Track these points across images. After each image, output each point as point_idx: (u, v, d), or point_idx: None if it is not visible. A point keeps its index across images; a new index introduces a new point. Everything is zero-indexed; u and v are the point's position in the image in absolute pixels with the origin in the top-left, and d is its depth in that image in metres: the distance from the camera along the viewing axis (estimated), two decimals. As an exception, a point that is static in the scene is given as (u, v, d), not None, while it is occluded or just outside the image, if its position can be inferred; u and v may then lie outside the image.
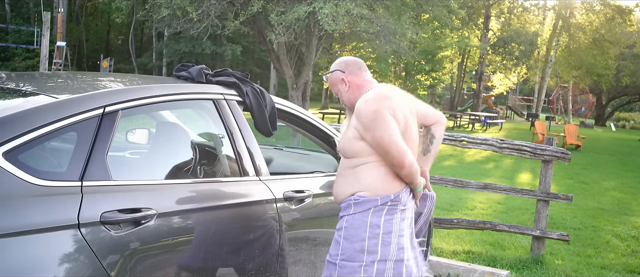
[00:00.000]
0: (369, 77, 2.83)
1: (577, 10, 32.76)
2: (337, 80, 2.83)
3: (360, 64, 2.85)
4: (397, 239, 2.58)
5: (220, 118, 2.83)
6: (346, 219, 2.62)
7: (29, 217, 1.93)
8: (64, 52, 21.57)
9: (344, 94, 2.82)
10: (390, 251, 2.57)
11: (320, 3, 14.48)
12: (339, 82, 2.82)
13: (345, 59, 2.87)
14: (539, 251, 5.57)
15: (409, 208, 2.66)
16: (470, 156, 14.97)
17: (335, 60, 2.93)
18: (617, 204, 9.25)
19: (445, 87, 41.71)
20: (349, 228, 2.60)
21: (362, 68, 2.84)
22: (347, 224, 2.61)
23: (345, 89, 2.81)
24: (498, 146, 5.42)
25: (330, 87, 2.91)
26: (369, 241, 2.56)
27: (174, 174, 2.74)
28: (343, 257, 2.59)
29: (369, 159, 2.59)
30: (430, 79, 28.80)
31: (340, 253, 2.60)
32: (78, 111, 2.19)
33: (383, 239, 2.57)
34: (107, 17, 36.76)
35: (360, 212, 2.59)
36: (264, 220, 2.80)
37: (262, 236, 2.78)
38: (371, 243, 2.56)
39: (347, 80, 2.80)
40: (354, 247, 2.57)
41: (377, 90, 2.67)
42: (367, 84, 2.78)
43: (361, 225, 2.57)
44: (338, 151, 2.80)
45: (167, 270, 2.33)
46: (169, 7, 15.95)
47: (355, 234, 2.58)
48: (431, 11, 20.36)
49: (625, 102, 45.12)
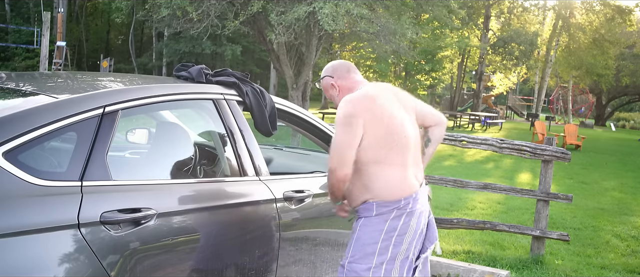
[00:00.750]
0: (359, 78, 2.84)
1: (577, 10, 32.76)
2: (328, 86, 2.87)
3: (349, 66, 2.86)
4: (407, 238, 2.62)
5: (220, 118, 2.83)
6: (362, 221, 2.64)
7: (29, 217, 1.93)
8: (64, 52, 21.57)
9: (336, 98, 2.85)
10: (400, 249, 2.60)
11: (320, 3, 14.48)
12: (330, 87, 2.85)
13: (333, 64, 2.90)
14: (539, 251, 5.57)
15: (416, 210, 2.67)
16: (470, 156, 14.97)
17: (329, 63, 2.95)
18: (617, 204, 9.25)
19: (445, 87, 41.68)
20: (363, 228, 2.62)
21: (351, 70, 2.85)
22: (362, 224, 2.63)
23: (336, 93, 2.84)
24: (498, 146, 5.42)
25: (324, 92, 2.94)
26: (382, 243, 2.57)
27: (174, 174, 2.74)
28: (352, 259, 2.61)
29: (370, 161, 2.60)
30: (430, 79, 28.80)
31: (350, 255, 2.62)
32: (78, 111, 2.19)
33: (396, 240, 2.59)
34: (107, 17, 36.77)
35: (376, 215, 2.60)
36: (263, 220, 2.80)
37: (262, 236, 2.77)
38: (383, 245, 2.58)
39: (336, 85, 2.83)
40: (366, 250, 2.59)
41: (363, 90, 2.69)
42: (356, 85, 2.79)
43: (376, 228, 2.59)
44: None
45: (167, 270, 2.33)
46: (169, 7, 15.95)
47: (369, 236, 2.60)
48: (431, 11, 20.37)
49: (625, 102, 45.12)
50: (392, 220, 2.59)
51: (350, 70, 2.85)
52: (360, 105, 2.58)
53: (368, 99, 2.60)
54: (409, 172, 2.65)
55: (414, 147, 2.71)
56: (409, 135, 2.67)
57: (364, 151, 2.57)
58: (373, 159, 2.58)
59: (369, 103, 2.59)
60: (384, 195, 2.59)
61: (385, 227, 2.58)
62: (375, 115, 2.58)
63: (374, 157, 2.58)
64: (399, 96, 2.77)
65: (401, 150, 2.62)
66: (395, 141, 2.60)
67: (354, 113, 2.55)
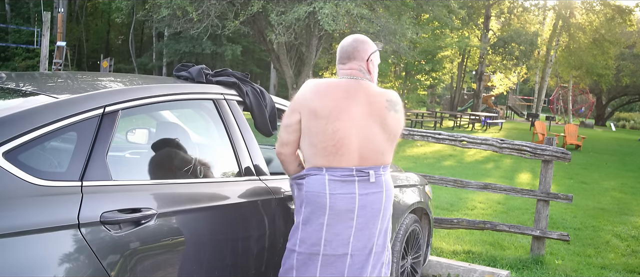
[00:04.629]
0: (342, 67, 2.75)
1: (577, 10, 32.76)
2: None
3: (342, 52, 2.76)
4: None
5: (220, 118, 2.83)
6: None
7: (29, 217, 1.92)
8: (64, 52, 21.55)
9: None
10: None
11: (320, 3, 14.48)
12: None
13: (340, 44, 2.82)
14: (539, 251, 5.57)
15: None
16: (470, 156, 14.97)
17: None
18: (617, 204, 9.25)
19: (445, 87, 41.72)
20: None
21: (342, 57, 2.75)
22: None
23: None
24: (498, 146, 5.42)
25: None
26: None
27: (174, 174, 2.74)
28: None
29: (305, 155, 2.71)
30: (430, 79, 28.81)
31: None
32: (78, 111, 2.19)
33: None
34: (107, 17, 36.75)
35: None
36: (264, 220, 2.80)
37: (262, 235, 2.77)
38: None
39: (339, 63, 2.79)
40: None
41: (326, 81, 2.70)
42: (338, 73, 2.77)
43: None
44: None
45: (167, 270, 2.33)
46: (169, 7, 15.95)
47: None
48: (431, 11, 20.38)
49: (625, 102, 45.12)
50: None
51: (341, 57, 2.74)
52: (306, 92, 2.63)
53: (316, 91, 2.62)
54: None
55: (350, 159, 2.59)
56: (348, 145, 2.59)
57: (301, 143, 2.66)
58: (304, 155, 2.67)
59: (312, 94, 2.61)
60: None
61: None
62: (312, 110, 2.58)
63: (304, 154, 2.67)
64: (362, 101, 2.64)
65: (327, 157, 2.57)
66: (321, 145, 2.57)
67: (296, 97, 2.67)
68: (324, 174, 2.58)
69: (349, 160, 2.58)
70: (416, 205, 3.90)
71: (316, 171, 2.60)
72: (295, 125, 2.63)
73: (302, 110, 2.60)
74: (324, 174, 2.58)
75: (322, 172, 2.58)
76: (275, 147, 2.74)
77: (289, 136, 2.66)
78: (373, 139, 2.62)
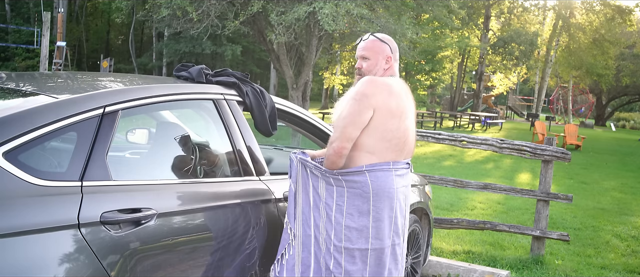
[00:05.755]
0: (396, 66, 2.94)
1: (577, 10, 32.75)
2: (382, 53, 2.85)
3: (396, 52, 2.95)
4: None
5: (220, 118, 2.83)
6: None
7: (29, 217, 1.93)
8: (64, 52, 21.54)
9: (373, 70, 2.83)
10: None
11: (320, 3, 14.48)
12: (385, 56, 2.85)
13: (394, 43, 2.94)
14: (539, 251, 5.57)
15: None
16: (470, 156, 14.97)
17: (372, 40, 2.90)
18: (617, 204, 9.25)
19: (445, 87, 41.72)
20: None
21: (396, 57, 2.94)
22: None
23: (382, 66, 2.84)
24: (498, 146, 5.42)
25: (364, 51, 2.87)
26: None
27: (174, 174, 2.74)
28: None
29: (364, 149, 2.77)
30: (430, 79, 28.80)
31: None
32: (78, 111, 2.19)
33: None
34: (107, 17, 36.76)
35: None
36: (264, 220, 2.80)
37: (262, 235, 2.78)
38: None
39: (391, 61, 2.87)
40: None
41: (390, 80, 2.80)
42: (392, 74, 2.89)
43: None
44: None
45: (167, 270, 2.33)
46: (169, 7, 15.94)
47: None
48: (431, 11, 20.37)
49: (625, 102, 45.10)
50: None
51: (397, 59, 2.93)
52: (382, 91, 2.68)
53: (390, 91, 2.71)
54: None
55: (406, 153, 2.83)
56: (410, 142, 2.82)
57: (365, 137, 2.67)
58: (368, 148, 2.68)
59: (388, 94, 2.69)
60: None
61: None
62: (389, 108, 2.67)
63: (370, 147, 2.68)
64: (411, 103, 2.89)
65: (396, 152, 2.74)
66: (394, 141, 2.71)
67: (370, 94, 2.66)
68: (391, 168, 2.72)
69: (407, 154, 2.84)
70: (416, 205, 3.91)
71: (384, 165, 2.71)
72: (366, 122, 2.68)
73: (380, 109, 2.67)
74: (390, 168, 2.71)
75: (389, 166, 2.71)
76: (332, 143, 2.67)
77: (357, 133, 2.68)
78: (414, 135, 2.91)
